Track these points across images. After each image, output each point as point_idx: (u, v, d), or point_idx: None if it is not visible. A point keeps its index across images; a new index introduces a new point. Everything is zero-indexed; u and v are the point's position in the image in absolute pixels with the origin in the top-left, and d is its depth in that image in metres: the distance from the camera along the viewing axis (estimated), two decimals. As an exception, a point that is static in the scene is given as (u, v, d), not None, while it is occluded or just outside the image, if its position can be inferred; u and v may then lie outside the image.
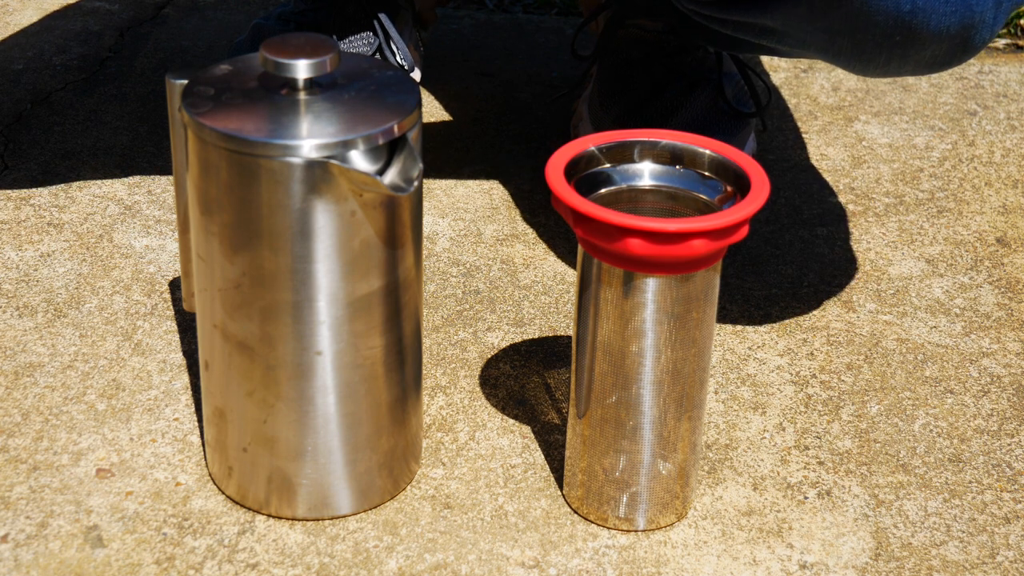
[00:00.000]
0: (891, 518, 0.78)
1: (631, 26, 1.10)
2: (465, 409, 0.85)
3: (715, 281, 0.71)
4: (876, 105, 1.25)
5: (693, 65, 1.07)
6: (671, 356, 0.71)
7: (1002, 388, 0.88)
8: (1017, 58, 1.35)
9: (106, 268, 0.97)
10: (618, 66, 1.10)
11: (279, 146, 0.65)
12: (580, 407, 0.74)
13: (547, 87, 1.24)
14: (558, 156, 0.70)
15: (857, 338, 0.93)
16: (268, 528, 0.75)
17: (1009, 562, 0.75)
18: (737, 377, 0.89)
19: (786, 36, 0.86)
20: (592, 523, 0.76)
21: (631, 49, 1.10)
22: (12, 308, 0.92)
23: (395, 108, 0.68)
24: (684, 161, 0.72)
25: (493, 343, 0.91)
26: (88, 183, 1.07)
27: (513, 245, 1.02)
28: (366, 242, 0.69)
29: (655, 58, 1.09)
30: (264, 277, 0.69)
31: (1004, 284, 0.99)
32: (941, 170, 1.14)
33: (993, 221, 1.07)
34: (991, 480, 0.81)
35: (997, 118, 1.23)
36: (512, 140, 1.16)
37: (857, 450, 0.83)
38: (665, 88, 1.06)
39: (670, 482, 0.75)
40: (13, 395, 0.84)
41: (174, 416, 0.83)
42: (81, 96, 1.21)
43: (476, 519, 0.76)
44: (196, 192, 0.69)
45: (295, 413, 0.72)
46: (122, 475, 0.78)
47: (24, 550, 0.73)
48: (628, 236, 0.66)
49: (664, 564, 0.74)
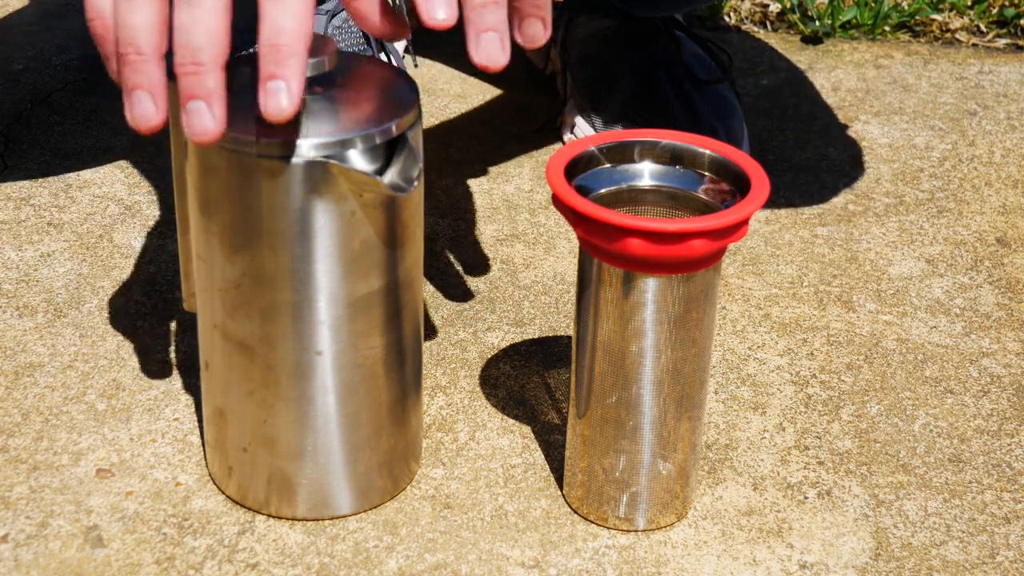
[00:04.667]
0: (891, 518, 0.78)
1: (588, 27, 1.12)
2: (465, 409, 0.85)
3: (715, 281, 0.71)
4: (876, 105, 1.25)
5: (661, 47, 1.10)
6: (671, 356, 0.71)
7: (1002, 388, 0.88)
8: (1017, 58, 1.35)
9: (106, 268, 0.97)
10: (595, 67, 1.11)
11: (278, 146, 0.65)
12: (580, 407, 0.74)
13: (547, 87, 1.24)
14: (558, 156, 0.70)
15: (857, 338, 0.93)
16: (268, 528, 0.75)
17: (1009, 562, 0.75)
18: (737, 377, 0.89)
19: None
20: (592, 523, 0.76)
21: (599, 48, 1.11)
22: (12, 308, 0.92)
23: (394, 107, 0.68)
24: (684, 161, 0.72)
25: (493, 343, 0.91)
26: (88, 183, 1.07)
27: (513, 245, 1.02)
28: (366, 242, 0.69)
29: (626, 48, 1.10)
30: (264, 277, 0.69)
31: (1004, 284, 0.99)
32: (941, 170, 1.14)
33: (993, 221, 1.07)
34: (991, 480, 0.81)
35: (997, 118, 1.23)
36: (512, 140, 1.16)
37: (857, 450, 0.83)
38: (650, 74, 1.08)
39: (670, 482, 0.75)
40: (13, 395, 0.84)
41: (174, 416, 0.83)
42: (81, 96, 1.21)
43: (476, 519, 0.76)
44: (196, 192, 0.69)
45: (295, 413, 0.72)
46: (122, 475, 0.78)
47: (24, 550, 0.73)
48: (628, 236, 0.66)
49: (664, 564, 0.74)
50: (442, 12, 0.62)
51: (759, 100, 1.25)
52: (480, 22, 0.63)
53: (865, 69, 1.32)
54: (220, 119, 0.61)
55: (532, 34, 0.65)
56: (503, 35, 0.63)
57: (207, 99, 0.61)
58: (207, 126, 0.61)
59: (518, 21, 0.65)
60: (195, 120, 0.61)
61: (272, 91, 0.61)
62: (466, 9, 0.63)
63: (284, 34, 0.60)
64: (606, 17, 1.13)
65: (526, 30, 0.65)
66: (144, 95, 0.62)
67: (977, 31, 1.39)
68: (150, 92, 0.61)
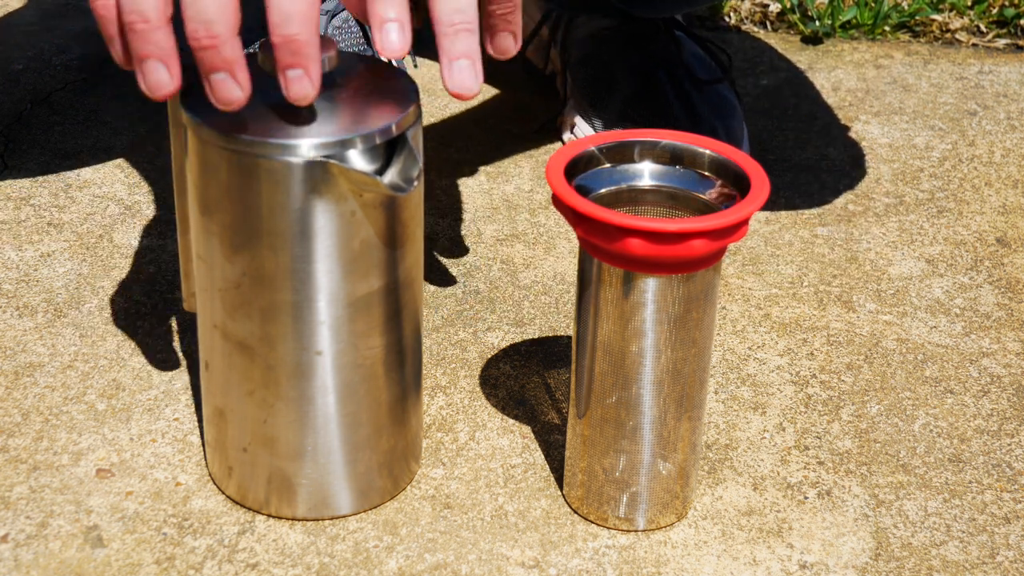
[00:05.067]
0: (891, 518, 0.78)
1: (588, 27, 1.13)
2: (465, 409, 0.85)
3: (715, 281, 0.71)
4: (876, 105, 1.25)
5: (661, 47, 1.10)
6: (671, 356, 0.71)
7: (1002, 388, 0.88)
8: (1017, 58, 1.35)
9: (106, 268, 0.97)
10: (595, 67, 1.11)
11: (278, 146, 0.65)
12: (580, 407, 0.74)
13: (547, 87, 1.24)
14: (558, 156, 0.70)
15: (857, 338, 0.93)
16: (268, 528, 0.75)
17: (1009, 562, 0.75)
18: (737, 377, 0.89)
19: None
20: (592, 523, 0.76)
21: (599, 48, 1.12)
22: (12, 308, 0.92)
23: (394, 107, 0.68)
24: (684, 161, 0.72)
25: (493, 343, 0.91)
26: (88, 183, 1.07)
27: (513, 245, 1.02)
28: (366, 242, 0.69)
29: (626, 48, 1.10)
30: (264, 277, 0.69)
31: (1004, 284, 0.99)
32: (941, 170, 1.14)
33: (993, 221, 1.07)
34: (991, 480, 0.81)
35: (997, 118, 1.23)
36: (512, 140, 1.16)
37: (857, 450, 0.83)
38: (650, 74, 1.08)
39: (670, 482, 0.75)
40: (13, 395, 0.84)
41: (174, 416, 0.83)
42: (81, 96, 1.21)
43: (476, 519, 0.76)
44: (196, 192, 0.69)
45: (295, 413, 0.72)
46: (122, 475, 0.78)
47: (24, 550, 0.73)
48: (628, 236, 0.66)
49: (664, 564, 0.74)
50: (397, 43, 0.63)
51: (759, 100, 1.25)
52: (452, 49, 0.64)
53: (865, 69, 1.32)
54: (246, 84, 0.62)
55: (504, 47, 0.67)
56: (475, 62, 0.64)
57: (229, 68, 0.62)
58: (235, 94, 0.62)
59: (490, 35, 0.67)
60: (222, 89, 0.62)
61: (294, 78, 0.62)
62: (438, 36, 0.64)
63: (294, 21, 0.61)
64: (606, 17, 1.13)
65: (498, 43, 0.67)
66: (156, 63, 0.62)
67: (977, 31, 1.39)
68: (161, 60, 0.62)
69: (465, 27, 0.63)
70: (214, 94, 0.62)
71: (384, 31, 0.63)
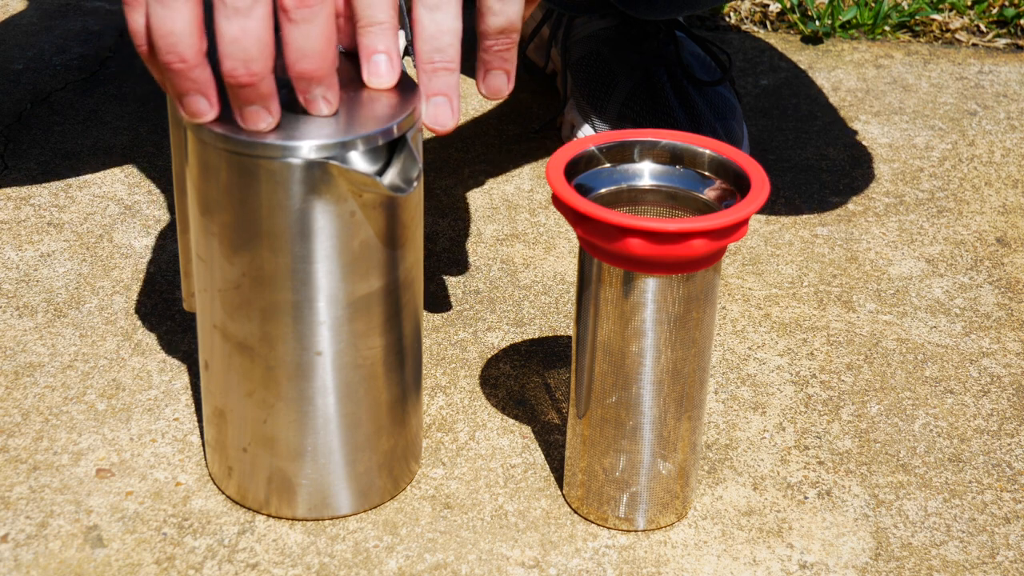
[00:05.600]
0: (891, 518, 0.78)
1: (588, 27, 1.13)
2: (465, 409, 0.85)
3: (715, 281, 0.71)
4: (876, 105, 1.25)
5: (661, 47, 1.10)
6: (671, 356, 0.71)
7: (1002, 388, 0.88)
8: (1017, 58, 1.35)
9: (106, 268, 0.97)
10: (595, 67, 1.11)
11: (278, 147, 0.65)
12: (580, 407, 0.74)
13: (547, 87, 1.24)
14: (558, 156, 0.70)
15: (857, 338, 0.93)
16: (268, 528, 0.75)
17: (1009, 562, 0.75)
18: (737, 377, 0.89)
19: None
20: (592, 523, 0.76)
21: (599, 48, 1.12)
22: (12, 308, 0.92)
23: (394, 108, 0.68)
24: (684, 161, 0.72)
25: (493, 343, 0.91)
26: (88, 183, 1.07)
27: (513, 245, 1.02)
28: (366, 242, 0.69)
29: (627, 48, 1.11)
30: (264, 277, 0.69)
31: (1004, 284, 0.99)
32: (941, 170, 1.14)
33: (993, 221, 1.07)
34: (991, 480, 0.81)
35: (997, 118, 1.23)
36: (512, 140, 1.16)
37: (857, 450, 0.83)
38: (650, 74, 1.08)
39: (670, 482, 0.75)
40: (13, 395, 0.84)
41: (174, 416, 0.83)
42: (81, 96, 1.21)
43: (476, 519, 0.76)
44: (196, 192, 0.69)
45: (295, 413, 0.72)
46: (122, 475, 0.78)
47: (24, 550, 0.73)
48: (628, 236, 0.66)
49: (664, 564, 0.74)
50: (386, 75, 0.68)
51: (759, 100, 1.25)
52: (430, 86, 0.67)
53: (865, 69, 1.32)
54: (277, 113, 0.65)
55: (496, 86, 0.69)
56: (453, 99, 0.67)
57: (263, 102, 0.64)
58: (268, 123, 0.65)
59: (483, 73, 0.68)
60: (255, 120, 0.65)
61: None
62: (419, 72, 0.67)
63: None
64: (606, 17, 1.13)
65: (491, 82, 0.69)
66: (196, 96, 0.65)
67: (977, 31, 1.39)
68: (200, 93, 0.65)
69: (444, 66, 0.67)
70: (245, 122, 0.65)
71: (372, 63, 0.67)
